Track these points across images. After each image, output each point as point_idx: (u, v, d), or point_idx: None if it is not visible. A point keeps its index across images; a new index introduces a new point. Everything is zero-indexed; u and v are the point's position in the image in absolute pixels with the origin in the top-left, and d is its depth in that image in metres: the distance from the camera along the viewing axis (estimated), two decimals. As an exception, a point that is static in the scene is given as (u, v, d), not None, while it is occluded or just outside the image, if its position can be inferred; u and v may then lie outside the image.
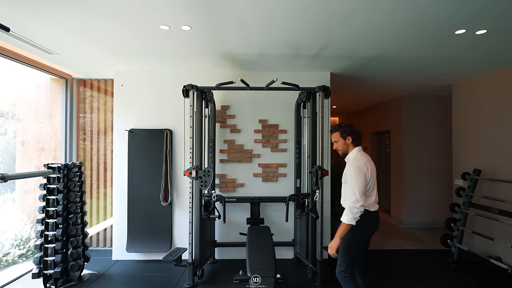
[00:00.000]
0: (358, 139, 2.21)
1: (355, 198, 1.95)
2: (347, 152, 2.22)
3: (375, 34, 2.58)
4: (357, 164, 2.05)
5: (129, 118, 3.76)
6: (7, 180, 1.74)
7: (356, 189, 1.96)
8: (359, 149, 2.19)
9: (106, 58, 3.33)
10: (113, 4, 2.07)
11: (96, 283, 3.09)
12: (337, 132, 2.24)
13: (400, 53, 3.09)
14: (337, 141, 2.25)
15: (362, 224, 2.01)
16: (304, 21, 2.34)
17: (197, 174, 2.97)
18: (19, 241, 3.68)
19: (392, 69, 3.69)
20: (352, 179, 2.00)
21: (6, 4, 2.07)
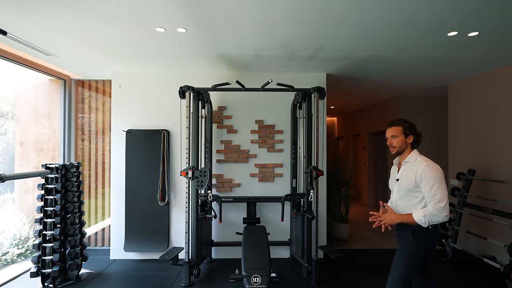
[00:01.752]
0: (418, 142, 2.03)
1: (443, 206, 1.77)
2: (402, 151, 2.01)
3: (369, 35, 2.61)
4: (439, 168, 1.86)
5: (127, 118, 3.79)
6: (5, 180, 1.78)
7: (444, 195, 1.78)
8: (419, 152, 2.01)
9: (103, 60, 3.36)
10: (109, 7, 2.11)
11: (94, 282, 3.12)
12: (400, 127, 2.01)
13: (394, 54, 3.13)
14: (395, 136, 2.01)
15: (431, 240, 1.90)
16: (298, 23, 2.38)
17: (193, 174, 3.00)
18: (18, 240, 3.72)
19: (387, 69, 3.73)
20: (434, 186, 1.80)
21: (5, 8, 2.11)
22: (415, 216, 1.84)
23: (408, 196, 1.94)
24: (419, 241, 1.87)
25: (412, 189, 1.91)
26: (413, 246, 1.88)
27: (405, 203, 1.97)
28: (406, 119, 2.06)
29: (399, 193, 2.00)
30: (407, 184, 1.93)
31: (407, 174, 1.95)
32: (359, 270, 3.45)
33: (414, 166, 1.93)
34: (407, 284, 1.89)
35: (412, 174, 1.91)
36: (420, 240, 1.87)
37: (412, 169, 1.93)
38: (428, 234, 1.87)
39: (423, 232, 1.87)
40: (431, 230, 1.88)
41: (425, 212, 1.82)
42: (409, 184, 1.92)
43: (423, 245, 1.88)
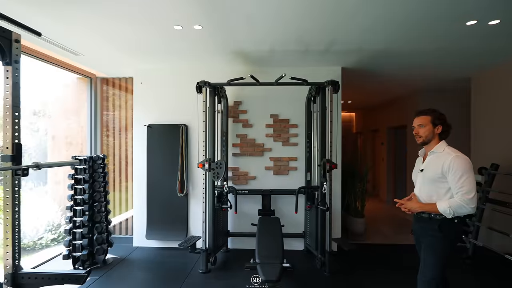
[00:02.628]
0: (447, 133, 1.96)
1: (471, 198, 1.73)
2: (429, 141, 1.97)
3: (382, 27, 2.60)
4: (465, 158, 1.82)
5: (148, 114, 3.99)
6: (41, 168, 1.97)
7: (472, 187, 1.75)
8: (447, 143, 1.95)
9: (125, 58, 3.56)
10: (129, 7, 2.25)
11: (119, 267, 3.35)
12: (429, 116, 1.96)
13: (409, 46, 3.08)
14: (423, 125, 1.96)
15: (457, 235, 1.90)
16: (311, 17, 2.42)
17: (210, 166, 3.13)
18: (51, 227, 4.03)
19: (403, 62, 3.66)
20: (462, 177, 1.76)
21: (40, 12, 2.31)
22: (439, 206, 1.81)
23: (433, 186, 1.90)
24: (446, 235, 1.84)
25: (438, 179, 1.87)
26: (441, 242, 1.85)
27: (428, 193, 1.93)
28: (435, 109, 2.00)
29: (424, 183, 1.96)
30: (432, 174, 1.90)
31: (433, 164, 1.91)
32: (373, 264, 3.45)
33: (442, 156, 1.89)
34: (441, 280, 1.88)
35: (439, 164, 1.86)
36: (447, 234, 1.84)
37: (439, 159, 1.88)
38: (455, 227, 1.84)
39: (450, 225, 1.83)
40: (457, 224, 1.84)
41: (451, 203, 1.77)
42: (435, 174, 1.88)
43: (450, 239, 1.86)
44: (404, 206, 1.99)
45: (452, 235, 1.86)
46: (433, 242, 1.88)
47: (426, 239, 1.92)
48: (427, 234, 1.91)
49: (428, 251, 1.90)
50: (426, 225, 1.92)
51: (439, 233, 1.84)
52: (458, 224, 1.85)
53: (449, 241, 1.87)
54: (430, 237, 1.89)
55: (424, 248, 1.94)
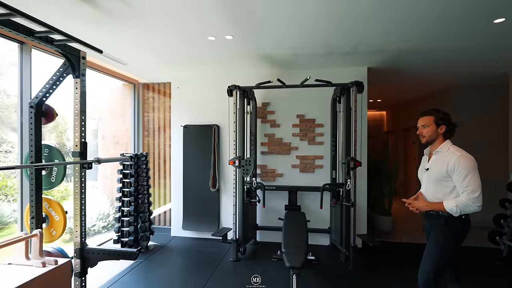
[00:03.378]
0: (452, 132, 1.99)
1: (476, 196, 1.77)
2: (433, 141, 2.01)
3: (407, 26, 2.66)
4: (470, 157, 1.85)
5: (184, 115, 4.37)
6: (101, 163, 2.36)
7: (478, 186, 1.79)
8: (451, 142, 1.98)
9: (164, 66, 3.95)
10: (172, 24, 2.58)
11: (160, 252, 3.75)
12: (432, 116, 1.99)
13: (436, 45, 3.09)
14: (427, 126, 2.00)
15: (463, 230, 1.90)
16: (332, 23, 2.58)
17: (240, 163, 3.40)
18: (102, 215, 4.58)
19: (432, 60, 3.64)
20: (467, 177, 1.80)
21: (97, 30, 2.73)
22: (446, 205, 1.86)
23: (438, 185, 1.95)
24: (452, 230, 1.89)
25: (443, 178, 1.91)
26: (445, 235, 1.91)
27: (434, 192, 1.98)
28: (439, 108, 2.03)
29: (429, 182, 2.01)
30: (437, 173, 1.93)
31: (438, 163, 1.95)
32: (398, 261, 3.49)
33: (446, 156, 1.92)
34: (440, 273, 1.93)
35: (444, 164, 1.90)
36: (453, 230, 1.89)
37: (444, 159, 1.92)
38: (462, 223, 1.88)
39: (456, 222, 1.88)
40: (464, 220, 1.89)
41: (458, 202, 1.82)
42: (440, 173, 1.92)
43: (456, 234, 1.91)
44: (412, 205, 2.05)
45: (458, 230, 1.90)
46: (439, 235, 1.94)
47: (432, 233, 1.99)
48: (433, 228, 1.98)
49: (433, 242, 1.97)
50: (434, 222, 1.98)
51: (446, 227, 1.90)
52: (464, 220, 1.89)
53: (454, 235, 1.91)
54: (435, 231, 1.96)
55: (429, 241, 2.01)
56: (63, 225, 2.36)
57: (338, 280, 3.03)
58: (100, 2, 2.22)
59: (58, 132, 5.03)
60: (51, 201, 2.35)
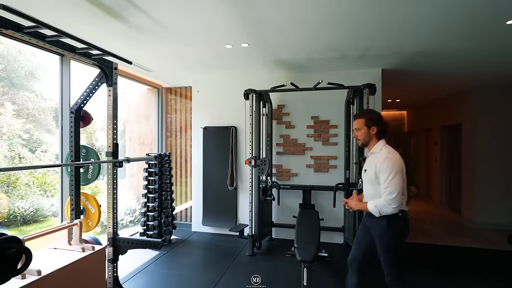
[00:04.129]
0: (384, 132, 2.01)
1: (392, 198, 1.80)
2: (367, 143, 2.05)
3: (421, 30, 2.72)
4: (397, 158, 1.88)
5: (204, 117, 4.63)
6: (130, 162, 2.64)
7: (395, 188, 1.80)
8: (385, 143, 2.00)
9: (186, 71, 4.23)
10: (192, 35, 2.82)
11: (181, 245, 4.02)
12: (362, 119, 2.03)
13: (452, 46, 3.11)
14: (359, 129, 2.05)
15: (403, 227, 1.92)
16: (345, 30, 2.70)
17: (256, 163, 3.59)
18: (129, 211, 4.95)
19: (450, 62, 3.64)
20: (389, 176, 1.82)
21: (126, 44, 3.04)
22: (368, 205, 1.91)
23: (373, 186, 1.96)
24: (392, 230, 1.89)
25: (374, 180, 1.93)
26: (390, 238, 1.90)
27: (371, 193, 1.99)
28: (370, 110, 2.09)
29: (366, 183, 2.05)
30: (370, 174, 1.97)
31: (371, 165, 1.97)
32: (411, 262, 3.52)
33: (377, 157, 1.94)
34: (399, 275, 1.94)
35: (374, 165, 1.92)
36: (393, 230, 1.89)
37: (375, 159, 1.94)
38: (400, 222, 1.90)
39: (395, 221, 1.89)
40: (402, 218, 1.90)
41: (377, 203, 1.87)
42: (372, 175, 1.94)
43: (397, 234, 1.91)
44: (347, 204, 2.11)
45: (398, 229, 1.90)
46: (384, 240, 1.92)
47: (377, 237, 1.96)
48: (377, 231, 1.95)
49: (383, 248, 1.95)
50: (375, 221, 1.95)
51: (388, 230, 1.89)
52: (402, 219, 1.90)
53: (396, 237, 1.91)
54: (380, 235, 1.93)
55: (379, 247, 1.98)
56: (98, 216, 2.66)
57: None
58: (130, 19, 2.49)
59: (87, 133, 5.47)
60: (88, 195, 2.66)
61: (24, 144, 4.96)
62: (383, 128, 2.01)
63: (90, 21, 2.55)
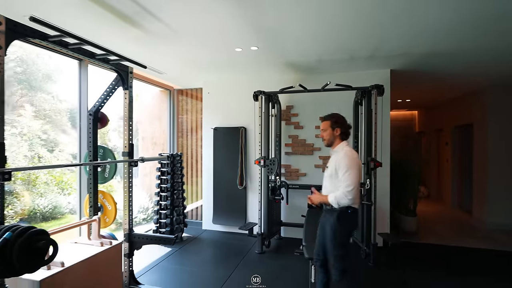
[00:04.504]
0: (347, 134, 2.22)
1: (349, 190, 1.97)
2: (331, 143, 2.23)
3: (430, 31, 2.73)
4: (354, 156, 2.07)
5: (214, 118, 4.74)
6: (144, 161, 2.77)
7: (352, 182, 1.98)
8: (347, 143, 2.21)
9: (196, 73, 4.34)
10: (203, 39, 2.93)
11: (192, 243, 4.14)
12: (328, 121, 2.23)
13: (464, 47, 3.11)
14: (325, 130, 2.24)
15: (352, 221, 2.12)
16: (355, 32, 2.76)
17: (265, 163, 3.67)
18: (142, 209, 5.11)
19: (460, 62, 3.62)
20: (347, 172, 2.00)
21: (140, 47, 3.17)
22: (329, 197, 2.07)
23: (332, 181, 2.14)
24: (341, 223, 2.07)
25: (334, 176, 2.11)
26: (338, 228, 2.08)
27: (330, 188, 2.16)
28: (335, 114, 2.28)
29: (326, 179, 2.23)
30: (330, 170, 2.15)
31: (332, 162, 2.17)
32: (420, 261, 3.53)
33: (338, 155, 2.13)
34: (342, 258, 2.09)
35: (334, 162, 2.12)
36: (342, 223, 2.07)
37: (336, 157, 2.13)
38: (349, 217, 2.09)
39: (345, 216, 2.07)
40: (351, 214, 2.09)
41: (336, 195, 2.03)
42: (332, 171, 2.13)
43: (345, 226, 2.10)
44: (310, 200, 2.27)
45: (347, 224, 2.10)
46: (333, 231, 2.09)
47: (328, 231, 2.12)
48: (329, 225, 2.12)
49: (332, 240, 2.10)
50: (328, 217, 2.14)
51: (337, 222, 2.07)
52: (351, 215, 2.09)
53: (343, 229, 2.09)
54: (331, 228, 2.10)
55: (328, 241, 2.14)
56: (114, 213, 2.80)
57: (358, 275, 3.18)
58: (145, 25, 2.61)
59: (101, 133, 5.67)
60: (105, 193, 2.80)
61: (42, 144, 5.19)
62: (346, 130, 2.23)
63: (108, 28, 2.68)
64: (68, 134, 5.66)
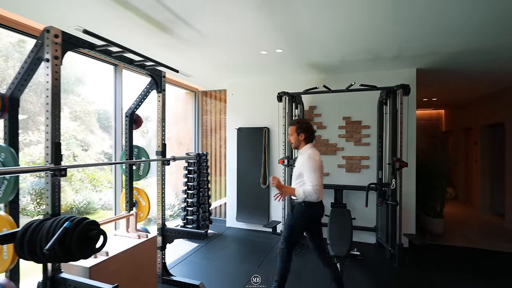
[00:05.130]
0: (311, 137, 2.47)
1: (318, 189, 2.23)
2: (298, 146, 2.51)
3: (457, 31, 2.71)
4: (317, 158, 2.34)
5: (238, 119, 4.87)
6: (175, 160, 2.93)
7: (316, 179, 2.25)
8: (312, 146, 2.47)
9: (221, 75, 4.49)
10: (231, 44, 3.05)
11: (217, 239, 4.29)
12: (294, 126, 2.50)
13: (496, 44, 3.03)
14: (291, 135, 2.51)
15: (311, 213, 2.39)
16: (380, 33, 2.77)
17: (288, 162, 3.74)
18: (169, 206, 5.33)
19: (492, 59, 3.51)
20: (312, 172, 2.26)
21: (171, 54, 3.34)
22: (296, 191, 2.32)
23: (298, 180, 2.41)
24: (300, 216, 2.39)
25: (300, 175, 2.39)
26: (296, 220, 2.41)
27: (296, 184, 2.43)
28: (300, 120, 2.56)
29: (294, 176, 2.49)
30: (297, 170, 2.43)
31: (299, 163, 2.44)
32: (446, 264, 3.47)
33: (303, 157, 2.39)
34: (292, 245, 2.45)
35: (301, 162, 2.40)
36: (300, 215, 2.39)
37: (302, 158, 2.40)
38: (306, 210, 2.38)
39: (303, 209, 2.38)
40: (308, 207, 2.37)
41: (305, 189, 2.27)
42: (298, 170, 2.42)
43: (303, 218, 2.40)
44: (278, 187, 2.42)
45: (305, 216, 2.39)
46: (291, 221, 2.45)
47: (293, 218, 2.45)
48: (294, 215, 2.44)
49: (286, 227, 2.49)
50: (293, 207, 2.50)
51: (296, 214, 2.41)
52: (308, 208, 2.37)
53: (303, 220, 2.40)
54: (294, 216, 2.43)
55: (287, 223, 2.52)
56: (148, 208, 2.98)
57: (382, 275, 3.18)
58: (177, 32, 2.76)
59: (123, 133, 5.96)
60: (140, 190, 2.98)
61: (77, 144, 5.55)
62: (310, 135, 2.49)
63: (143, 36, 2.87)
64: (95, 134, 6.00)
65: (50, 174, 1.71)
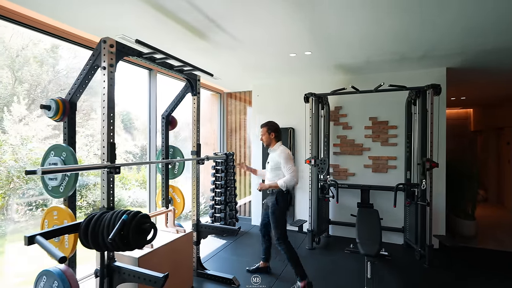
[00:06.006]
0: (279, 136, 2.93)
1: (294, 175, 2.70)
2: (269, 144, 2.94)
3: (485, 32, 2.68)
4: (287, 152, 2.80)
5: (263, 119, 4.91)
6: (209, 160, 3.08)
7: (293, 170, 2.72)
8: (281, 143, 2.93)
9: (249, 77, 4.61)
10: (261, 45, 3.15)
11: (244, 237, 4.41)
12: (265, 127, 2.93)
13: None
14: (263, 134, 2.94)
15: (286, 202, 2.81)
16: (408, 35, 2.78)
17: (315, 162, 3.80)
18: (196, 204, 5.52)
19: (526, 57, 3.42)
20: (288, 163, 2.73)
21: (203, 57, 3.49)
22: (278, 182, 2.74)
23: (274, 173, 2.86)
24: (280, 203, 2.78)
25: (276, 168, 2.83)
26: (278, 209, 2.78)
27: (272, 177, 2.88)
28: (269, 122, 2.97)
29: (268, 170, 2.92)
30: (272, 165, 2.86)
31: (272, 158, 2.88)
32: (478, 266, 3.39)
33: (277, 152, 2.83)
34: (285, 235, 2.81)
35: (275, 158, 2.82)
36: (281, 204, 2.78)
37: (276, 154, 2.83)
38: (285, 198, 2.79)
39: (282, 197, 2.78)
40: (286, 195, 2.80)
41: (285, 179, 2.72)
42: (274, 165, 2.84)
43: (283, 206, 2.80)
44: (260, 185, 2.93)
45: (284, 204, 2.79)
46: (274, 211, 2.79)
47: (270, 208, 2.82)
48: (270, 205, 2.83)
49: (272, 218, 2.81)
50: (270, 199, 2.85)
51: (276, 203, 2.77)
52: (286, 194, 2.79)
53: (282, 208, 2.79)
54: (271, 207, 2.80)
55: (270, 216, 2.84)
56: (182, 205, 3.14)
57: (412, 275, 3.17)
58: (211, 36, 2.89)
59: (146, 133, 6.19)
60: (175, 187, 3.15)
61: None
62: (279, 134, 2.95)
63: (180, 41, 3.02)
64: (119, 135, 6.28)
65: (106, 172, 1.87)
